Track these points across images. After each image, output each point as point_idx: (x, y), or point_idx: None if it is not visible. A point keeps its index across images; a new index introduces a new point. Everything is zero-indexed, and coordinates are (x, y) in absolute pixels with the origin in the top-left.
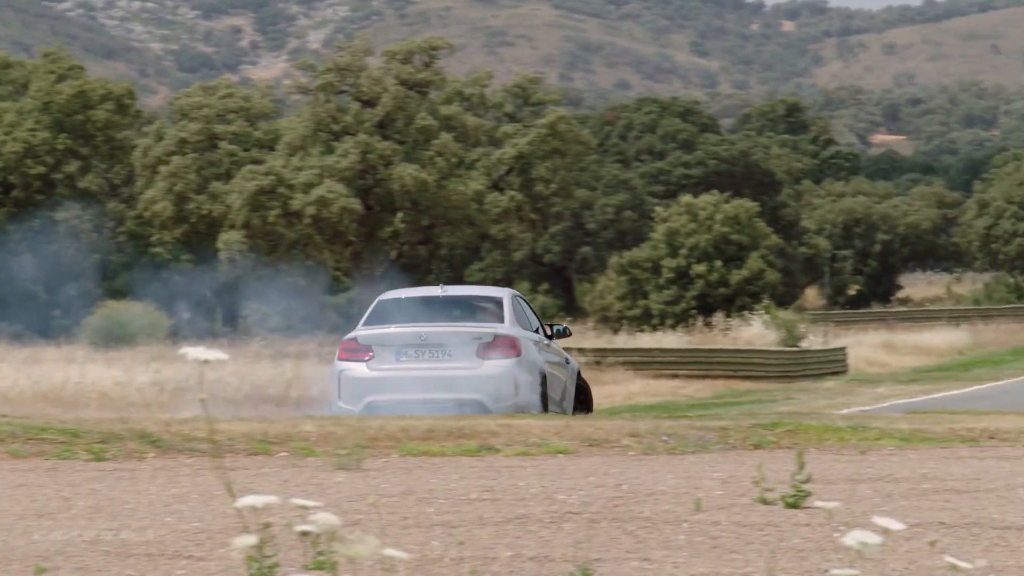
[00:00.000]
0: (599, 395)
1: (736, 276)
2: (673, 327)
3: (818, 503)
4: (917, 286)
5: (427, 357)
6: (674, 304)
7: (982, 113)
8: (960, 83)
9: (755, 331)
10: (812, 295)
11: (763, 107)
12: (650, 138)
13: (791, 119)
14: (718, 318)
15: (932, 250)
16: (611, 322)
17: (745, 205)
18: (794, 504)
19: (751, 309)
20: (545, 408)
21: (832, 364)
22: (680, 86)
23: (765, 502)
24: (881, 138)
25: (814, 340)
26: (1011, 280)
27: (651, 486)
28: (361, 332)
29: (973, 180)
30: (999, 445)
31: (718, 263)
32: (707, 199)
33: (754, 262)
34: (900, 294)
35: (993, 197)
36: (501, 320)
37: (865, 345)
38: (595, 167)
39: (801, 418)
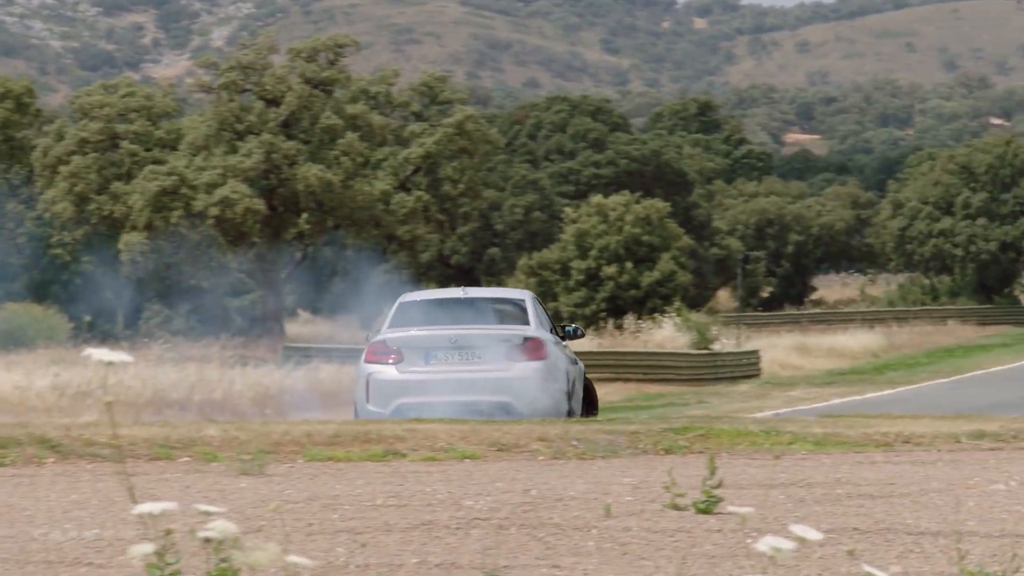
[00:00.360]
0: None
1: (647, 278)
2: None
3: (730, 508)
4: (831, 288)
5: (457, 360)
6: (584, 306)
7: (896, 112)
8: (874, 81)
9: (666, 333)
10: (724, 297)
11: (675, 106)
12: (560, 137)
13: (703, 118)
14: (629, 320)
15: (846, 251)
16: None
17: (656, 206)
18: (706, 510)
19: (662, 311)
20: (571, 412)
21: (745, 367)
22: (590, 84)
23: (676, 508)
24: (794, 137)
25: (726, 343)
26: (926, 282)
27: (560, 492)
28: (389, 334)
29: (887, 180)
30: (914, 449)
31: (629, 264)
32: (617, 199)
33: (665, 263)
34: (814, 296)
35: (908, 197)
36: (526, 323)
37: (778, 348)
38: (503, 167)
39: (713, 422)
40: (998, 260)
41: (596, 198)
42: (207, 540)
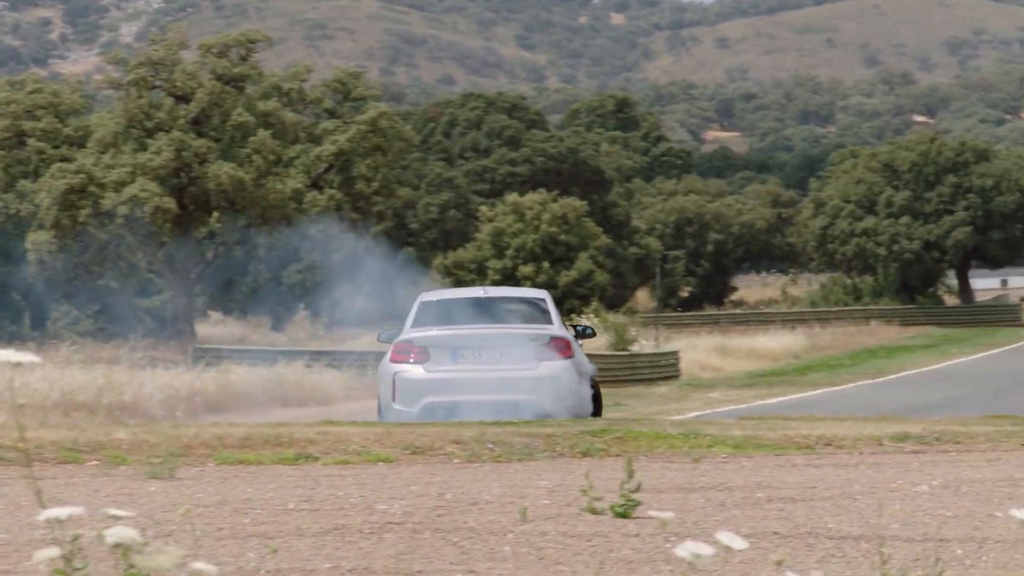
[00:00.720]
0: None
1: (564, 277)
2: None
3: (649, 513)
4: (751, 288)
5: (484, 359)
6: None
7: (817, 109)
8: (795, 78)
9: None
10: (643, 297)
11: (592, 102)
12: (475, 135)
13: (621, 115)
14: None
15: (767, 250)
16: None
17: (573, 204)
18: (624, 514)
19: (580, 311)
20: (597, 411)
21: (664, 369)
22: (506, 81)
23: (594, 512)
24: (714, 134)
25: (645, 344)
26: (848, 281)
27: (476, 495)
28: (415, 334)
29: (809, 178)
30: (835, 452)
31: (546, 264)
32: (534, 198)
33: (583, 263)
34: (734, 296)
35: (829, 196)
36: (548, 322)
37: (698, 349)
38: (418, 165)
39: (631, 425)
40: (921, 259)
41: (512, 197)
42: (116, 545)
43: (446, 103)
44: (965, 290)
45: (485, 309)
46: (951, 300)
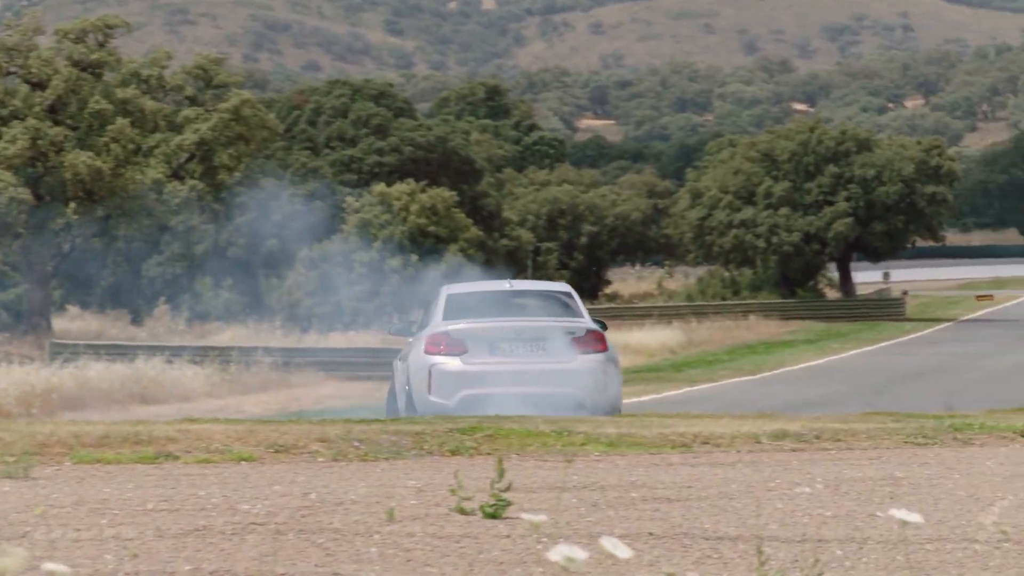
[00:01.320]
0: (287, 398)
1: (433, 270)
2: (366, 325)
3: (520, 514)
4: (627, 281)
5: (522, 351)
6: (367, 301)
7: (695, 97)
8: (671, 64)
9: None
10: None
11: (462, 90)
12: (341, 123)
13: (492, 103)
14: (415, 315)
15: (642, 243)
16: (300, 320)
17: (443, 195)
18: (494, 514)
19: None
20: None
21: None
22: (373, 67)
23: (463, 512)
24: (588, 123)
25: None
26: (726, 274)
27: (341, 495)
28: (453, 326)
29: (685, 168)
30: (713, 451)
31: (414, 257)
32: (402, 188)
33: (452, 256)
34: (608, 289)
35: (707, 186)
36: (579, 315)
37: None
38: (282, 154)
39: (502, 422)
40: (801, 252)
41: (379, 187)
42: None
43: (311, 90)
44: (846, 283)
45: (515, 302)
46: (832, 294)
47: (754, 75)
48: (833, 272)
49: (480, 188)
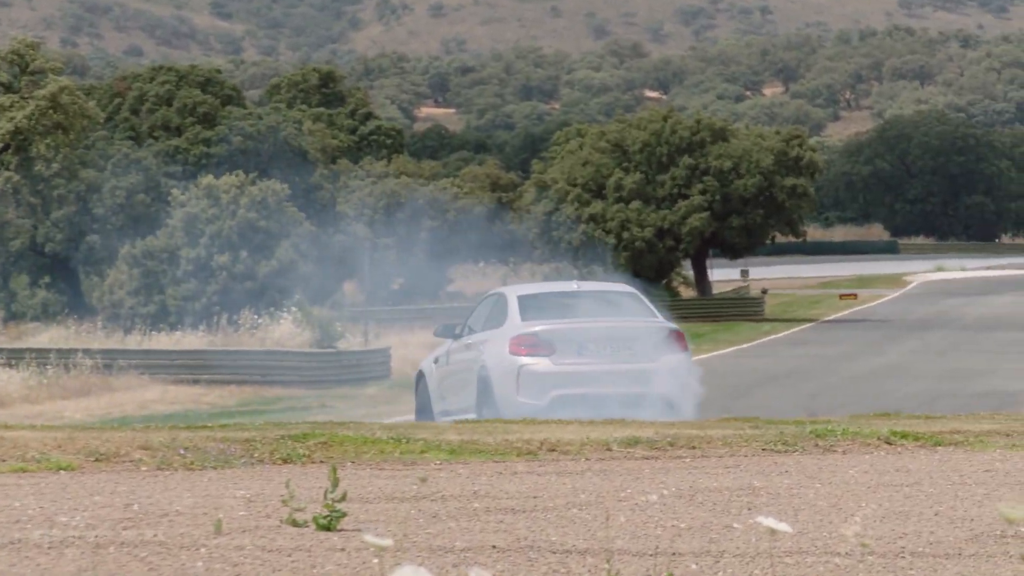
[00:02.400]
0: (109, 403)
1: (264, 267)
2: (194, 326)
3: (365, 537)
4: (470, 279)
5: (609, 352)
6: (194, 300)
7: (541, 83)
8: (516, 50)
9: (286, 330)
10: (351, 289)
11: (294, 76)
12: (166, 111)
13: (326, 90)
14: (245, 315)
15: (486, 238)
16: (123, 320)
17: (274, 187)
18: (328, 526)
19: (281, 305)
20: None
21: (374, 368)
22: (199, 53)
23: (295, 524)
24: (427, 111)
25: (353, 340)
26: (574, 272)
27: (166, 506)
28: (540, 327)
29: (531, 159)
30: (560, 458)
31: (243, 253)
32: (230, 180)
33: (284, 252)
34: (450, 288)
35: (553, 179)
36: (654, 315)
37: (411, 346)
38: (103, 144)
39: (337, 428)
40: (654, 248)
41: (207, 179)
42: None
43: (134, 77)
44: (702, 282)
45: (592, 302)
46: (687, 293)
47: (603, 61)
48: (688, 270)
49: (313, 180)
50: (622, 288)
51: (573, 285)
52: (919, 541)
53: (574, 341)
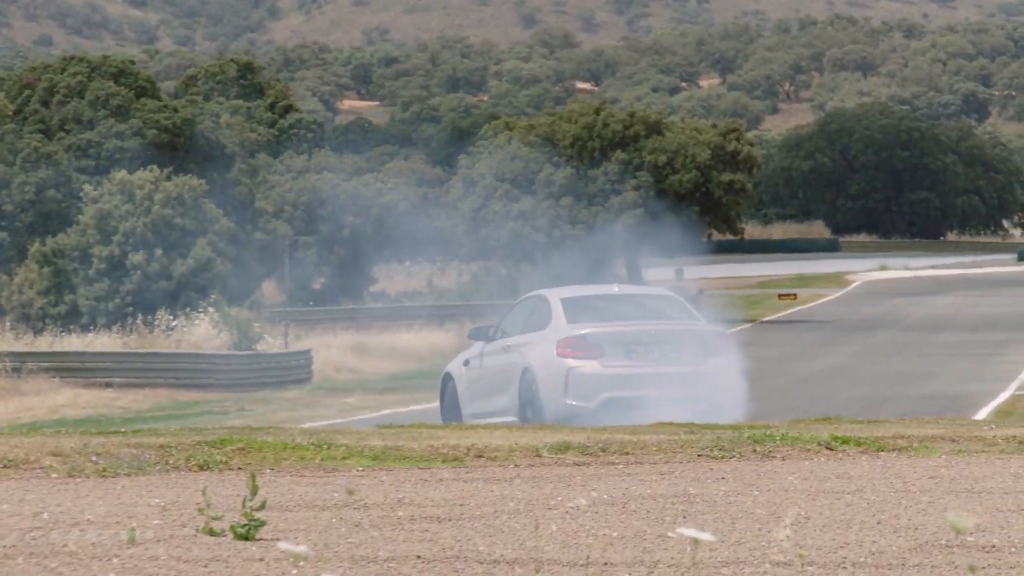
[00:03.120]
0: (18, 408)
1: (180, 266)
2: (107, 327)
3: (281, 545)
4: (394, 278)
5: (657, 354)
6: (107, 300)
7: (467, 74)
8: (442, 40)
9: (203, 332)
10: (270, 289)
11: (211, 67)
12: (77, 104)
13: (244, 82)
14: (160, 316)
15: (411, 235)
16: (32, 321)
17: (190, 183)
18: (246, 535)
19: (198, 306)
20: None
21: (294, 370)
22: (113, 43)
23: (212, 533)
24: (350, 104)
25: (272, 342)
26: (503, 270)
27: (77, 515)
28: (588, 329)
29: (458, 153)
30: (487, 465)
31: (159, 251)
32: (145, 176)
33: (201, 250)
34: (374, 287)
35: (481, 174)
36: (695, 317)
37: (333, 348)
38: (12, 138)
39: (255, 434)
40: (586, 246)
41: (120, 174)
42: None
43: (44, 67)
44: (636, 281)
45: (633, 306)
46: None
47: (533, 51)
48: (621, 268)
49: (231, 176)
50: (662, 291)
51: (614, 288)
52: (861, 551)
53: (622, 344)
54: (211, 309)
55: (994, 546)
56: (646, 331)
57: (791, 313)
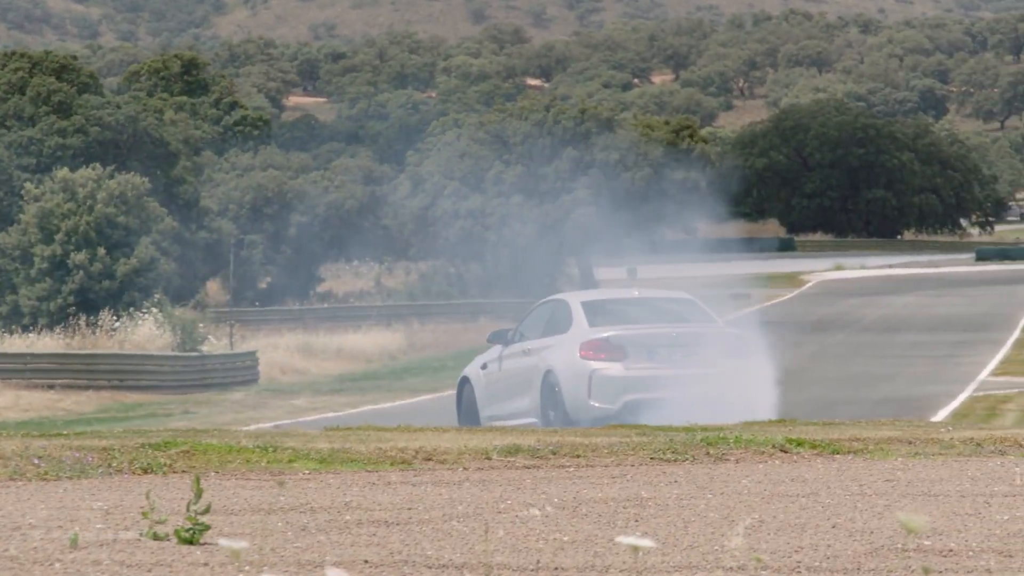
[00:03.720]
0: None
1: (124, 266)
2: (49, 328)
3: (220, 539)
4: (341, 278)
5: (678, 357)
6: (49, 300)
7: (416, 71)
8: (390, 35)
9: (147, 332)
10: (215, 289)
11: (154, 63)
12: (18, 100)
13: (188, 78)
14: (104, 317)
15: (358, 234)
16: None
17: (133, 181)
18: (190, 539)
19: (141, 306)
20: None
21: (240, 372)
22: (54, 38)
23: (156, 537)
24: (297, 100)
25: (217, 343)
26: (452, 270)
27: (18, 519)
28: (611, 332)
29: (406, 151)
30: (436, 468)
31: (101, 251)
32: (87, 174)
33: (145, 249)
34: (321, 287)
35: (430, 171)
36: (713, 320)
37: (280, 349)
38: None
39: (200, 436)
40: (537, 245)
41: (62, 172)
42: None
43: None
44: (588, 280)
45: (655, 309)
46: None
47: (483, 46)
48: (573, 268)
49: (176, 173)
50: (681, 295)
51: (634, 292)
52: (816, 555)
53: (644, 346)
54: (154, 309)
55: (951, 550)
56: (667, 334)
57: (745, 313)
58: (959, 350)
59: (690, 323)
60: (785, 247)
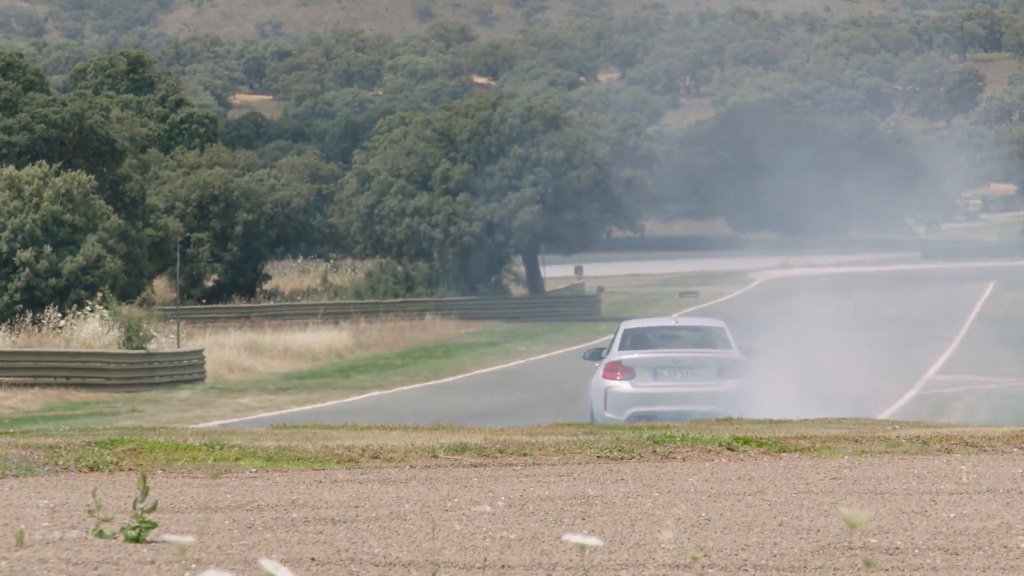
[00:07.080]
0: None
1: (70, 264)
2: None
3: (166, 536)
4: (287, 276)
5: (679, 377)
6: None
7: (362, 69)
8: (335, 33)
9: (93, 330)
10: (161, 287)
11: (100, 61)
12: None
13: (134, 75)
14: (49, 314)
15: (305, 233)
16: None
17: (79, 179)
18: (137, 537)
19: (87, 303)
20: None
21: (186, 370)
22: (0, 35)
23: (102, 535)
24: (243, 98)
25: (164, 341)
26: (399, 269)
27: None
28: (624, 356)
29: (352, 149)
30: (383, 466)
31: (47, 248)
32: (33, 171)
33: (91, 247)
34: (267, 285)
35: (376, 169)
36: (728, 347)
37: (226, 347)
38: None
39: (147, 434)
40: (483, 244)
41: (7, 169)
42: None
43: None
44: (534, 279)
45: (677, 336)
46: (518, 290)
47: (429, 44)
48: (519, 266)
49: (122, 171)
50: (713, 323)
51: (671, 320)
52: (762, 553)
53: (651, 368)
54: (100, 307)
55: (897, 548)
56: (672, 357)
57: (692, 311)
58: (906, 348)
59: (700, 349)
60: (731, 245)
